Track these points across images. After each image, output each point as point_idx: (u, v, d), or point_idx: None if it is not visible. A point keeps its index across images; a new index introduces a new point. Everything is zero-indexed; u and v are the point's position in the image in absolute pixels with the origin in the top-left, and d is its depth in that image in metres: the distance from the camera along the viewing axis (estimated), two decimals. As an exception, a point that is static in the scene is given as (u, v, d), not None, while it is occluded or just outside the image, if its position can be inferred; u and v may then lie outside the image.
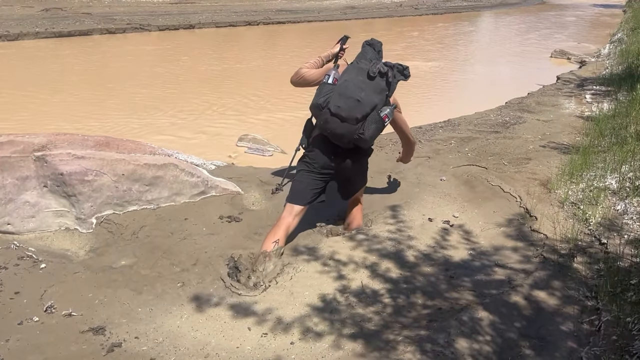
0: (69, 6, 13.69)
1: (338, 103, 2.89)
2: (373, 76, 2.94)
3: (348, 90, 2.91)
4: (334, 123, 2.91)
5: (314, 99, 2.98)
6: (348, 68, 3.04)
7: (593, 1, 28.18)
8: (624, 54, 8.90)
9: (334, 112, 2.89)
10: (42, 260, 2.72)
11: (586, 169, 3.98)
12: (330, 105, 2.91)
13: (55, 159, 3.05)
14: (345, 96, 2.90)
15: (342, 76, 2.99)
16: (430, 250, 3.07)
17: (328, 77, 2.99)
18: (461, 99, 7.93)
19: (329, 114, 2.91)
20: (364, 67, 2.98)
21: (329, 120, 2.92)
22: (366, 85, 2.93)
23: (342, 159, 3.07)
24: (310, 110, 3.07)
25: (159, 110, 6.59)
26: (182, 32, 12.71)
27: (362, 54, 3.07)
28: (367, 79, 2.94)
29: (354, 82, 2.94)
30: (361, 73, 2.96)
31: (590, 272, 2.78)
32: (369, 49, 3.09)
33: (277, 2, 18.15)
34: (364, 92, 2.91)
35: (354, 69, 3.00)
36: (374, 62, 2.99)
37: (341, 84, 2.94)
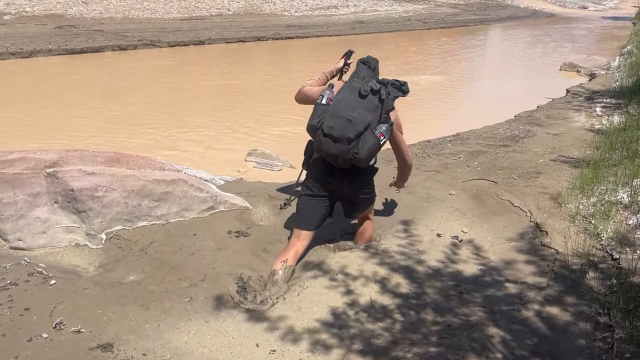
0: (82, 24, 13.92)
1: (330, 123, 2.87)
2: (365, 94, 2.90)
3: (340, 110, 2.88)
4: (327, 144, 2.88)
5: (309, 120, 2.97)
6: (343, 87, 3.02)
7: (602, 14, 28.16)
8: (634, 67, 8.85)
9: (326, 133, 2.87)
10: (52, 277, 2.73)
11: (597, 182, 3.94)
12: (323, 126, 2.89)
13: (66, 175, 3.08)
14: (337, 116, 2.87)
15: (336, 96, 2.97)
16: (440, 266, 3.04)
17: (322, 98, 2.97)
18: (470, 112, 7.92)
19: (322, 134, 2.89)
20: (357, 85, 2.96)
21: (322, 141, 2.90)
22: (358, 104, 2.89)
23: (340, 180, 3.04)
24: (307, 132, 3.05)
25: (169, 125, 6.65)
26: (192, 48, 12.85)
27: (355, 72, 3.07)
28: (359, 97, 2.91)
29: (347, 101, 2.91)
30: (354, 92, 2.94)
31: (602, 288, 2.74)
32: (362, 67, 3.08)
33: (286, 17, 18.33)
34: (356, 111, 2.87)
35: (348, 88, 2.98)
36: (366, 80, 2.97)
37: (334, 104, 2.93)
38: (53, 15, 14.91)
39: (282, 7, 20.50)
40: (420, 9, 23.57)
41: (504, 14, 25.10)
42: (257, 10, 19.44)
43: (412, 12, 22.10)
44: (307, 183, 3.14)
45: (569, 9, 29.98)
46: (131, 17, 15.72)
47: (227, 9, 19.12)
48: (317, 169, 3.09)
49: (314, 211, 3.10)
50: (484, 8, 26.37)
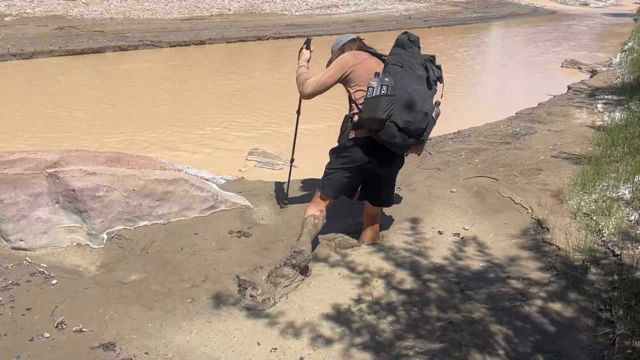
0: (82, 25, 13.92)
1: (407, 117, 2.74)
2: (432, 84, 2.85)
3: (415, 103, 2.75)
4: (402, 138, 2.78)
5: (371, 112, 2.74)
6: (403, 74, 2.79)
7: (603, 10, 28.09)
8: (636, 63, 8.84)
9: (402, 127, 2.75)
10: (54, 276, 2.74)
11: (598, 179, 3.94)
12: (396, 120, 2.73)
13: (67, 175, 3.09)
14: (414, 110, 2.75)
15: (399, 84, 2.76)
16: (443, 262, 3.04)
17: (385, 88, 2.74)
18: (471, 110, 7.91)
19: (395, 129, 2.75)
20: (422, 74, 2.83)
21: (396, 135, 2.76)
22: (428, 94, 2.84)
23: (381, 161, 2.96)
24: (366, 122, 2.83)
25: (170, 125, 6.65)
26: (193, 48, 12.85)
27: (409, 55, 2.86)
28: (428, 87, 2.84)
29: (419, 92, 2.78)
30: (421, 81, 2.82)
31: (604, 284, 2.74)
32: (415, 49, 2.91)
33: (287, 16, 18.31)
34: (428, 103, 2.82)
35: (412, 77, 2.80)
36: (427, 65, 2.87)
37: (404, 96, 2.74)
38: (54, 16, 14.92)
39: (283, 7, 20.49)
40: (421, 7, 23.53)
41: (505, 12, 25.05)
42: (257, 9, 19.43)
43: (412, 11, 22.06)
44: (344, 158, 2.99)
45: (570, 6, 29.91)
46: (132, 17, 15.72)
47: (228, 8, 19.11)
48: (359, 150, 2.93)
49: (344, 184, 3.06)
50: (485, 6, 26.32)
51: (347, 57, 3.03)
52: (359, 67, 2.98)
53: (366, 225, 3.29)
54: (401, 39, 2.92)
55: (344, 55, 3.06)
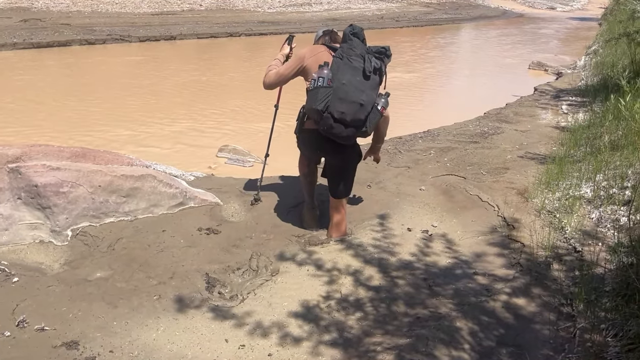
0: (48, 17, 13.55)
1: (341, 109, 2.85)
2: (369, 75, 2.90)
3: (349, 94, 2.85)
4: (339, 128, 2.90)
5: (311, 103, 2.90)
6: (340, 66, 2.90)
7: (569, 14, 28.78)
8: (599, 66, 9.08)
9: (338, 118, 2.87)
10: (15, 274, 2.67)
11: (562, 178, 4.04)
12: (332, 111, 2.86)
13: (29, 170, 3.00)
14: (347, 101, 2.85)
15: (336, 76, 2.88)
16: (410, 259, 3.08)
17: (321, 80, 2.86)
18: (440, 109, 8.01)
19: (332, 119, 2.87)
20: (358, 65, 2.89)
21: (333, 126, 2.89)
22: (365, 86, 2.89)
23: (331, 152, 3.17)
24: (309, 114, 3.02)
25: (138, 121, 6.54)
26: (163, 44, 12.66)
27: (349, 47, 2.95)
28: (364, 78, 2.90)
29: (354, 84, 2.87)
30: (357, 73, 2.89)
31: (566, 279, 2.81)
32: (356, 41, 2.98)
33: (259, 13, 18.20)
34: (364, 94, 2.88)
35: (348, 68, 2.89)
36: (366, 57, 2.91)
37: (340, 87, 2.86)
38: (18, 8, 14.48)
39: (255, 3, 20.35)
40: (394, 7, 23.69)
41: (475, 14, 25.43)
42: (229, 5, 19.25)
43: (385, 10, 22.20)
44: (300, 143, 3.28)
45: (537, 10, 30.56)
46: (99, 11, 15.38)
47: (199, 4, 18.88)
48: (308, 140, 3.19)
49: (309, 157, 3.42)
50: (456, 7, 26.66)
51: (304, 51, 3.20)
52: (312, 60, 3.10)
53: (331, 218, 3.34)
54: (344, 32, 3.04)
55: (301, 50, 3.22)
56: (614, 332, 2.27)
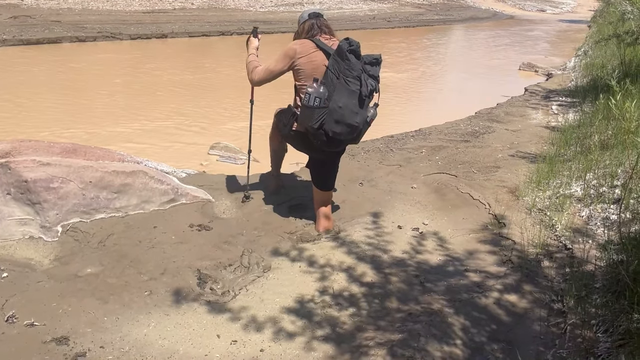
0: (38, 14, 13.43)
1: (336, 129, 2.95)
2: (365, 99, 2.96)
3: (345, 118, 2.93)
4: (332, 143, 3.03)
5: (307, 122, 2.97)
6: (337, 87, 2.90)
7: (559, 17, 29.00)
8: (589, 67, 9.16)
9: (332, 137, 2.97)
10: (4, 270, 2.64)
11: (552, 177, 4.07)
12: (327, 130, 2.94)
13: (19, 165, 2.97)
14: (342, 123, 2.94)
15: (332, 96, 2.89)
16: (402, 256, 3.08)
17: (318, 100, 2.89)
18: (432, 109, 8.04)
19: (324, 136, 2.97)
20: (355, 89, 2.91)
21: (326, 142, 3.01)
22: (359, 109, 2.96)
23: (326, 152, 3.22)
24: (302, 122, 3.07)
25: (129, 118, 6.50)
26: (155, 42, 12.59)
27: (347, 67, 2.89)
28: (359, 102, 2.94)
29: (349, 107, 2.92)
30: (353, 96, 2.92)
31: (556, 276, 2.83)
32: (353, 60, 2.90)
33: (251, 13, 18.17)
34: (359, 116, 2.97)
35: (345, 91, 2.90)
36: (362, 77, 2.91)
37: (336, 110, 2.90)
38: (7, 5, 14.33)
39: (247, 3, 20.31)
40: (385, 7, 23.75)
41: (466, 15, 25.57)
42: (221, 4, 19.19)
43: (377, 11, 22.25)
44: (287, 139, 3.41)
45: (528, 12, 30.77)
46: (90, 8, 15.27)
47: (191, 2, 18.81)
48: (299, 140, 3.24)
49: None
50: (447, 9, 26.77)
51: (294, 47, 3.14)
52: (305, 59, 3.10)
53: (318, 211, 3.37)
54: (341, 48, 2.92)
55: (291, 46, 3.16)
56: (605, 327, 2.29)
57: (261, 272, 2.88)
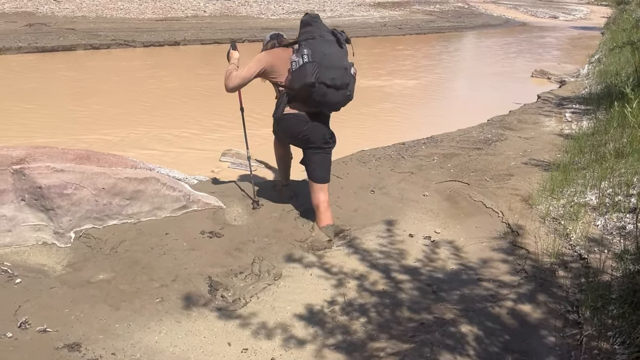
0: (53, 22, 13.61)
1: (331, 75, 3.15)
2: (342, 44, 3.26)
3: (333, 62, 3.17)
4: (332, 93, 3.19)
5: (302, 79, 3.12)
6: (316, 43, 3.17)
7: (572, 24, 28.83)
8: (603, 74, 9.07)
9: (330, 84, 3.15)
10: (18, 275, 2.66)
11: (566, 185, 4.02)
12: (323, 80, 3.13)
13: (33, 172, 3.00)
14: (334, 67, 3.17)
15: (316, 51, 3.14)
16: (415, 265, 3.06)
17: (306, 56, 3.12)
18: (444, 116, 8.00)
19: (325, 87, 3.15)
20: (330, 39, 3.23)
21: (327, 93, 3.17)
22: (341, 54, 3.25)
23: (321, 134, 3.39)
24: (299, 91, 3.20)
25: (142, 125, 6.54)
26: (167, 49, 12.70)
27: (317, 28, 3.25)
28: (340, 47, 3.24)
29: (334, 53, 3.20)
30: (332, 44, 3.22)
31: (572, 286, 2.79)
32: (320, 22, 3.31)
33: (263, 20, 18.28)
34: (343, 60, 3.24)
35: (324, 42, 3.20)
36: (334, 31, 3.29)
37: (323, 58, 3.14)
38: (23, 12, 14.55)
39: (259, 10, 20.44)
40: (396, 15, 23.77)
41: (478, 22, 25.51)
42: (233, 12, 19.33)
43: (388, 18, 22.27)
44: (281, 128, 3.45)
45: (540, 19, 30.63)
46: (104, 16, 15.46)
47: (203, 10, 18.97)
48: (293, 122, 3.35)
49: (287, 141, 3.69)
50: (458, 16, 26.74)
51: (262, 55, 3.39)
52: (274, 60, 3.33)
53: (317, 207, 3.43)
54: (305, 19, 3.32)
55: (260, 55, 3.41)
56: (621, 339, 2.25)
57: (272, 279, 2.87)
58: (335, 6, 23.60)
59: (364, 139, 5.87)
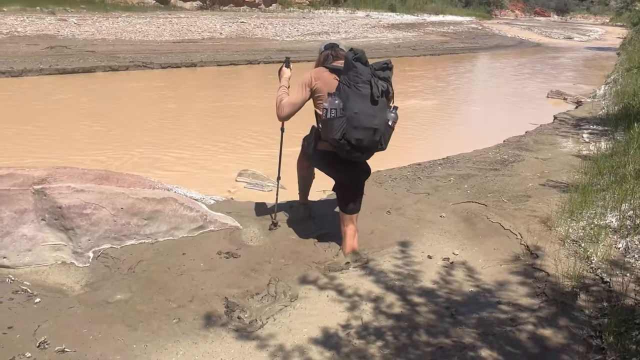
0: (74, 44, 13.95)
1: (357, 136, 2.99)
2: (377, 99, 2.99)
3: (362, 122, 2.98)
4: (356, 153, 3.08)
5: (328, 133, 3.04)
6: (349, 95, 2.98)
7: (587, 44, 28.77)
8: (620, 95, 9.01)
9: (355, 144, 3.01)
10: (37, 295, 2.68)
11: (586, 207, 3.97)
12: (349, 138, 2.99)
13: (54, 192, 3.04)
14: (362, 128, 2.98)
15: (347, 105, 2.97)
16: (432, 287, 3.02)
17: (334, 111, 2.98)
18: (459, 137, 7.99)
19: (348, 146, 3.02)
20: (366, 92, 2.98)
21: (352, 152, 3.06)
22: (375, 111, 3.00)
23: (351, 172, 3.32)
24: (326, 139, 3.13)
25: (159, 145, 6.63)
26: (184, 70, 12.91)
27: (354, 74, 3.00)
28: (373, 104, 2.99)
29: (365, 111, 2.98)
30: (366, 99, 2.98)
31: (594, 310, 2.73)
32: (360, 66, 3.02)
33: (278, 42, 18.53)
34: (376, 119, 3.01)
35: (357, 96, 2.97)
36: (372, 81, 2.99)
37: (353, 117, 2.97)
38: (45, 35, 14.94)
39: (274, 32, 20.74)
40: (410, 36, 23.96)
41: (492, 43, 25.59)
42: (249, 34, 19.64)
43: (401, 39, 22.45)
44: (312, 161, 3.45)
45: (554, 39, 30.63)
46: (123, 39, 15.80)
47: (220, 32, 19.29)
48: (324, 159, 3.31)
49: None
50: (472, 37, 26.88)
51: (308, 75, 3.29)
52: (320, 82, 3.23)
53: (345, 235, 3.39)
54: (347, 58, 3.06)
55: (305, 75, 3.30)
56: (647, 366, 2.19)
57: (288, 301, 2.85)
58: (349, 28, 23.88)
59: (379, 160, 5.82)
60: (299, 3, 31.55)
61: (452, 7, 42.40)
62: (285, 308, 2.79)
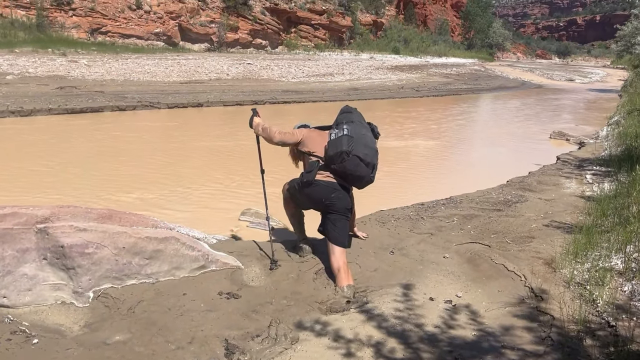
0: (83, 85, 14.25)
1: (365, 151, 3.52)
2: (377, 135, 3.75)
3: (368, 142, 3.59)
4: (362, 167, 3.53)
5: (337, 147, 3.50)
6: (355, 125, 3.59)
7: (589, 86, 29.13)
8: (622, 136, 9.06)
9: (362, 158, 3.50)
10: (35, 335, 2.65)
11: (590, 248, 3.94)
12: (357, 153, 3.48)
13: (57, 231, 3.05)
14: (368, 146, 3.56)
15: (354, 130, 3.55)
16: (435, 331, 2.98)
17: (346, 130, 3.53)
18: (462, 177, 8.01)
19: (358, 159, 3.49)
20: (366, 125, 3.71)
21: (358, 164, 3.51)
22: (373, 142, 3.66)
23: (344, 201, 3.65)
24: (331, 159, 3.54)
25: (164, 184, 6.67)
26: (191, 110, 13.11)
27: (356, 116, 3.70)
28: (374, 136, 3.72)
29: (368, 136, 3.63)
30: (368, 131, 3.68)
31: (600, 355, 2.67)
32: (357, 112, 3.76)
33: (283, 83, 18.86)
34: (375, 145, 3.67)
35: (361, 127, 3.64)
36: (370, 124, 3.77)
37: (360, 137, 3.54)
38: (55, 76, 15.28)
39: (280, 74, 21.14)
40: (414, 77, 24.36)
41: (494, 84, 25.94)
42: (255, 75, 20.02)
43: (405, 81, 22.81)
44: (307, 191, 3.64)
45: (556, 81, 31.04)
46: (132, 79, 16.13)
47: (226, 73, 19.68)
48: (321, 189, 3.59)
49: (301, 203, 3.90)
50: (475, 78, 27.29)
51: (300, 130, 3.87)
52: (311, 135, 3.78)
53: (338, 269, 3.49)
54: (345, 108, 3.79)
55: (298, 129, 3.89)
56: (656, 415, 2.12)
57: (289, 344, 2.81)
58: (354, 69, 24.34)
59: (382, 199, 5.88)
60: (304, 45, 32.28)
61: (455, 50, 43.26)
62: (286, 351, 2.74)
